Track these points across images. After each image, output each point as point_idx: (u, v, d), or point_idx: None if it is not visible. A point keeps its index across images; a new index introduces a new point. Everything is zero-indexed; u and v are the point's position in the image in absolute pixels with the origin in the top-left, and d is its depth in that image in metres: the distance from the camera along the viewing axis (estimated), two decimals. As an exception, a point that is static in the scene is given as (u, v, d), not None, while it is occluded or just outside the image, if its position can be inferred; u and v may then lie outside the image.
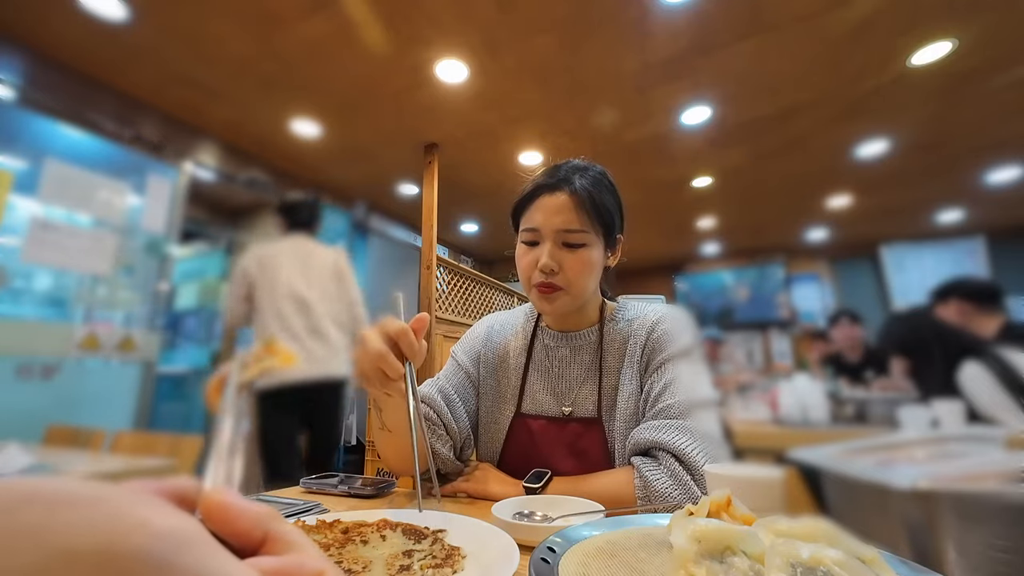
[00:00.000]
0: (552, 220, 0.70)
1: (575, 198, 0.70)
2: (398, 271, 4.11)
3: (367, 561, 0.42)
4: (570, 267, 0.70)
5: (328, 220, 3.52)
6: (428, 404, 0.77)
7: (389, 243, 4.09)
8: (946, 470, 0.39)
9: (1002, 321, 0.90)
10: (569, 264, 0.70)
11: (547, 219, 0.70)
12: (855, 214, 3.28)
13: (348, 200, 3.70)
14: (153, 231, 2.47)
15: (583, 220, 0.70)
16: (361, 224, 3.81)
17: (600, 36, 2.06)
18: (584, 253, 0.70)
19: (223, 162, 2.86)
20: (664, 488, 0.60)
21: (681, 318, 0.76)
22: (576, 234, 0.70)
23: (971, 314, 0.89)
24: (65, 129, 2.21)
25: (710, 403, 0.68)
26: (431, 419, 0.76)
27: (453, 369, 0.85)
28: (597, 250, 0.72)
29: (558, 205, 0.70)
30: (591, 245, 0.71)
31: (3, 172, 1.95)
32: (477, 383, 0.84)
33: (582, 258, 0.70)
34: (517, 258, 0.76)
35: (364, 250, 3.83)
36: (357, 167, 3.27)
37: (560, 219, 0.70)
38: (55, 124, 2.18)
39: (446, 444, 0.76)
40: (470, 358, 0.85)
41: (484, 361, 0.85)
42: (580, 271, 0.71)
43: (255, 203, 3.40)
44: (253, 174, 3.05)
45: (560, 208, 0.70)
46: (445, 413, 0.77)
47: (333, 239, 3.56)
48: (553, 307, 0.72)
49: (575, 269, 0.70)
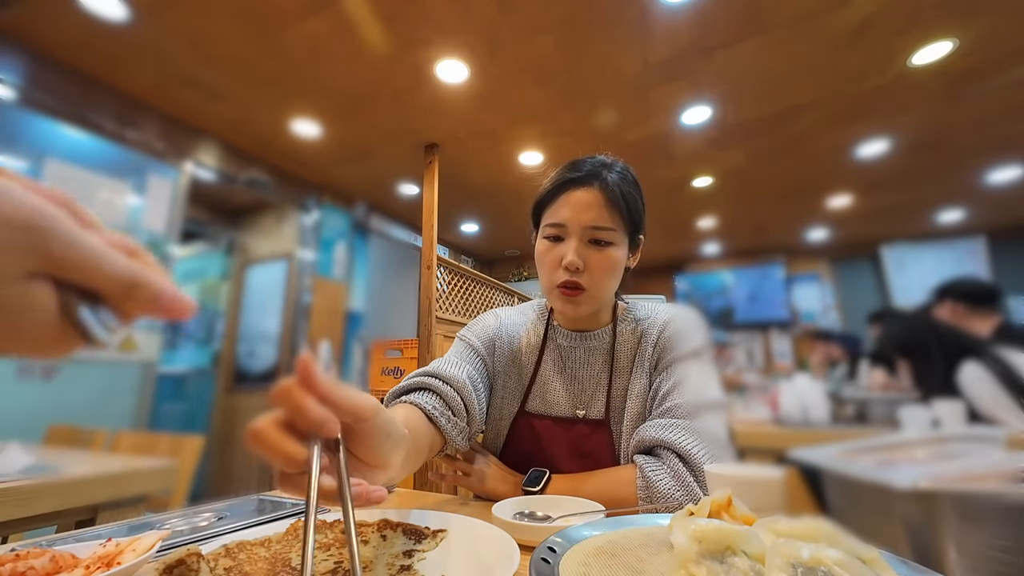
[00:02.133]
0: (581, 216, 0.67)
1: (606, 194, 0.67)
2: (398, 271, 4.11)
3: (368, 561, 0.42)
4: (596, 266, 0.67)
5: (329, 220, 3.53)
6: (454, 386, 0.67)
7: (389, 243, 4.09)
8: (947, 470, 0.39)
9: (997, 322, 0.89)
10: (595, 262, 0.67)
11: (575, 214, 0.67)
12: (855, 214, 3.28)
13: (348, 200, 3.70)
14: (154, 231, 2.47)
15: (614, 218, 0.67)
16: (361, 224, 3.81)
17: (600, 36, 2.06)
18: (611, 252, 0.68)
19: (223, 162, 2.86)
20: (666, 487, 0.60)
21: (692, 319, 0.76)
22: (605, 231, 0.67)
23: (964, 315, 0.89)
24: (66, 129, 2.21)
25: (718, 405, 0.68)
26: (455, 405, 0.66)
27: (468, 353, 0.77)
28: (622, 250, 0.69)
29: (588, 201, 0.67)
30: (618, 244, 0.68)
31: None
32: (492, 372, 0.80)
33: (608, 257, 0.68)
34: (538, 256, 0.72)
35: (364, 250, 3.83)
36: (357, 167, 3.27)
37: (589, 215, 0.67)
38: (56, 124, 2.18)
39: (463, 432, 0.67)
40: (484, 345, 0.80)
41: (499, 352, 0.81)
42: (606, 271, 0.68)
43: (255, 203, 3.40)
44: (253, 174, 3.05)
45: (590, 204, 0.67)
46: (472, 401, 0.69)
47: (334, 239, 3.57)
48: (577, 310, 0.70)
49: (600, 268, 0.67)
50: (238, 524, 0.55)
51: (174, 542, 0.47)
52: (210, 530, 0.53)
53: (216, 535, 0.51)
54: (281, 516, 0.59)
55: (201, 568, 0.36)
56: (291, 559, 0.43)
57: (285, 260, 3.35)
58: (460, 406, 0.67)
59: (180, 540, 0.49)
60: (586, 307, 0.70)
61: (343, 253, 3.62)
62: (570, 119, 2.70)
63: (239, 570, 0.39)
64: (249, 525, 0.54)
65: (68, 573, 0.36)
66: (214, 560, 0.40)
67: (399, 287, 4.07)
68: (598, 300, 0.71)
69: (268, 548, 0.45)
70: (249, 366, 3.33)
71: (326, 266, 3.47)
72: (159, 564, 0.35)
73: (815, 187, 3.25)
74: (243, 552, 0.43)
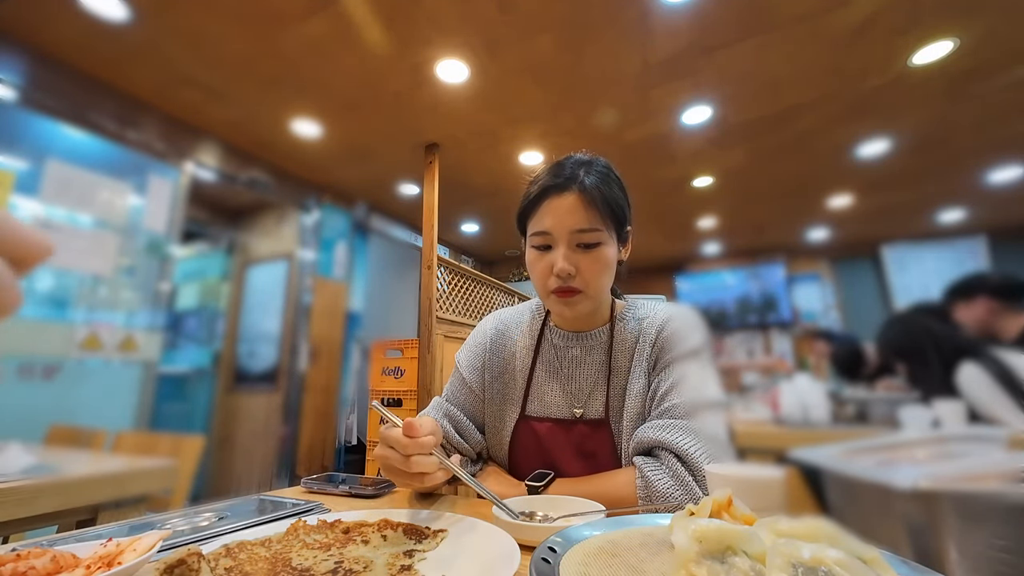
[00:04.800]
0: (564, 221, 0.67)
1: (586, 195, 0.67)
2: (398, 271, 4.11)
3: (368, 561, 0.42)
4: (587, 268, 0.68)
5: (329, 220, 3.53)
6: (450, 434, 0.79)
7: (390, 243, 4.09)
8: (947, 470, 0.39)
9: None
10: (586, 265, 0.68)
11: (559, 221, 0.68)
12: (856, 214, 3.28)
13: (349, 200, 3.70)
14: (154, 231, 2.47)
15: (595, 218, 0.67)
16: (362, 224, 3.81)
17: (600, 36, 2.06)
18: (600, 252, 0.68)
19: (224, 162, 2.86)
20: (666, 488, 0.60)
21: (691, 317, 0.75)
22: (590, 233, 0.67)
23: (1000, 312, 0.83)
24: (66, 129, 2.21)
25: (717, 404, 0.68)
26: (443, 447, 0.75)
27: (458, 384, 0.84)
28: (611, 247, 0.70)
29: (568, 206, 0.68)
30: (605, 243, 0.69)
31: (4, 173, 1.96)
32: (483, 393, 0.82)
33: (598, 258, 0.68)
34: (529, 264, 0.73)
35: (365, 250, 3.83)
36: (358, 167, 3.27)
37: (572, 219, 0.67)
38: (56, 124, 2.19)
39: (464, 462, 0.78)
40: (474, 370, 0.83)
41: (489, 368, 0.83)
42: (598, 272, 0.69)
43: (256, 203, 3.40)
44: (254, 174, 3.05)
45: (571, 208, 0.67)
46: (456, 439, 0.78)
47: (334, 239, 3.57)
48: (575, 311, 0.70)
49: (592, 270, 0.68)
50: (239, 524, 0.55)
51: (175, 542, 0.48)
52: (211, 530, 0.53)
53: (217, 535, 0.51)
54: (281, 516, 0.59)
55: (202, 568, 0.36)
56: (291, 559, 0.43)
57: (285, 260, 3.36)
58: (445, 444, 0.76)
59: (181, 540, 0.49)
60: (582, 307, 0.71)
61: (343, 253, 3.62)
62: (570, 119, 2.70)
63: (240, 570, 0.40)
64: (250, 525, 0.54)
65: (69, 573, 0.36)
66: (215, 560, 0.40)
67: (399, 287, 4.07)
68: (595, 299, 0.71)
69: (269, 548, 0.45)
70: (249, 366, 3.34)
71: (326, 266, 3.48)
72: (160, 564, 0.35)
73: (815, 187, 3.25)
74: (244, 552, 0.43)
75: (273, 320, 3.30)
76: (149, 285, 2.43)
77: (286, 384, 3.18)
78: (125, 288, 2.33)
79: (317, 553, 0.44)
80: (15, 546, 0.41)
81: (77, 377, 2.14)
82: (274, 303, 3.32)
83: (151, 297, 2.43)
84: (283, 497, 0.69)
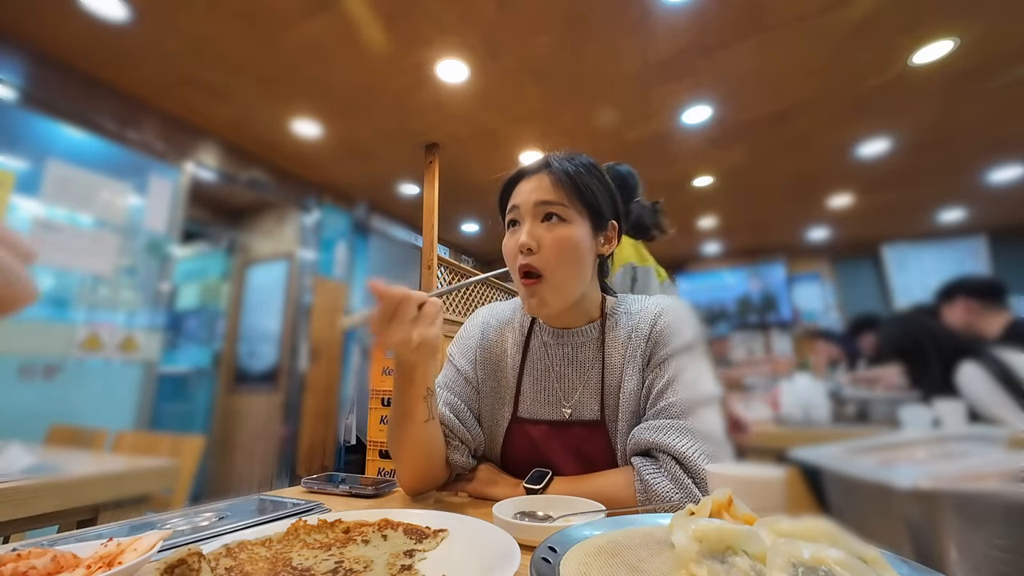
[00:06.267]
0: (530, 197, 0.69)
1: (553, 176, 0.69)
2: (399, 271, 4.11)
3: (368, 561, 0.42)
4: (549, 245, 0.66)
5: (329, 220, 3.53)
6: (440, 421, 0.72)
7: (390, 243, 4.09)
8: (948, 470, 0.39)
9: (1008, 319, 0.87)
10: (548, 242, 0.67)
11: (525, 197, 0.69)
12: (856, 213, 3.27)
13: (349, 200, 3.70)
14: (155, 231, 2.47)
15: (562, 195, 0.68)
16: (362, 224, 3.81)
17: (600, 36, 2.06)
18: (565, 229, 0.67)
19: (224, 162, 2.86)
20: (664, 491, 0.59)
21: (683, 310, 0.74)
22: (555, 206, 0.67)
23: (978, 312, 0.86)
24: (67, 129, 2.21)
25: (713, 400, 0.67)
26: (445, 434, 0.72)
27: (453, 375, 0.80)
28: (580, 229, 0.68)
29: (537, 182, 0.70)
30: (572, 222, 0.68)
31: (5, 173, 1.96)
32: (478, 386, 0.81)
33: (561, 236, 0.67)
34: (503, 248, 0.73)
35: (365, 250, 3.83)
36: (358, 167, 3.27)
37: (537, 194, 0.69)
38: (57, 124, 2.19)
39: (463, 453, 0.73)
40: (468, 361, 0.81)
41: (482, 362, 0.81)
42: (559, 251, 0.66)
43: (256, 203, 3.40)
44: (254, 174, 3.05)
45: (538, 186, 0.69)
46: (459, 427, 0.74)
47: (334, 239, 3.57)
48: (539, 300, 0.68)
49: (554, 248, 0.66)
50: (239, 524, 0.55)
51: (175, 542, 0.48)
52: (211, 530, 0.53)
53: (217, 535, 0.51)
54: (282, 516, 0.59)
55: (202, 568, 0.36)
56: (292, 559, 0.43)
57: (286, 260, 3.36)
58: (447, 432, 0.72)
59: (181, 540, 0.49)
60: (549, 298, 0.68)
61: (343, 253, 3.62)
62: (570, 119, 2.70)
63: (240, 570, 0.40)
64: (250, 525, 0.54)
65: (69, 573, 0.36)
66: (215, 560, 0.40)
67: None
68: (560, 290, 0.68)
69: (269, 548, 0.45)
70: (250, 366, 3.34)
71: (327, 266, 3.48)
72: (160, 564, 0.35)
73: (816, 186, 3.25)
74: (244, 552, 0.43)
75: (273, 320, 3.30)
76: (149, 285, 2.43)
77: (286, 384, 3.19)
78: (125, 288, 2.33)
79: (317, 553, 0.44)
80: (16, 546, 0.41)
81: (77, 377, 2.14)
82: (274, 303, 3.32)
83: (151, 297, 2.43)
84: (283, 497, 0.69)
